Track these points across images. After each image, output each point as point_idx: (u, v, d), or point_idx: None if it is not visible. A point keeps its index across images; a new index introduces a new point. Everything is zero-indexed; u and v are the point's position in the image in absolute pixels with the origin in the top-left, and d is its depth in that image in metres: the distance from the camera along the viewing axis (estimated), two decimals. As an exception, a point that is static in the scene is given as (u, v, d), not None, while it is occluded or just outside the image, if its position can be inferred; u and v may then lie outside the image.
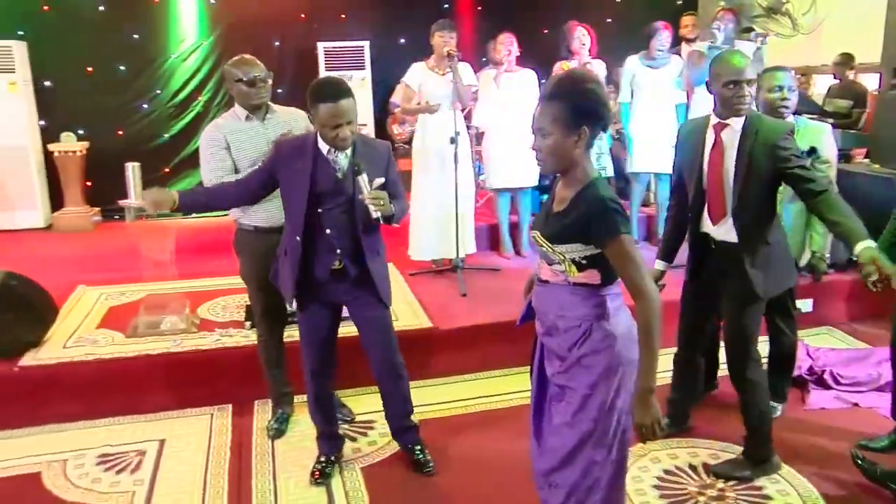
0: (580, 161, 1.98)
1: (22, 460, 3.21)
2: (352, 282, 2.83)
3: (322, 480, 3.02)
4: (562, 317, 2.05)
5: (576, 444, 2.04)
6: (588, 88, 1.94)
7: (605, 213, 1.92)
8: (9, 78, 6.51)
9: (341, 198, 2.74)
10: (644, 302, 1.92)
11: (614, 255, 1.94)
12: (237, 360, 3.78)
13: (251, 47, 7.28)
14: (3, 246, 6.04)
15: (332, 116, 2.60)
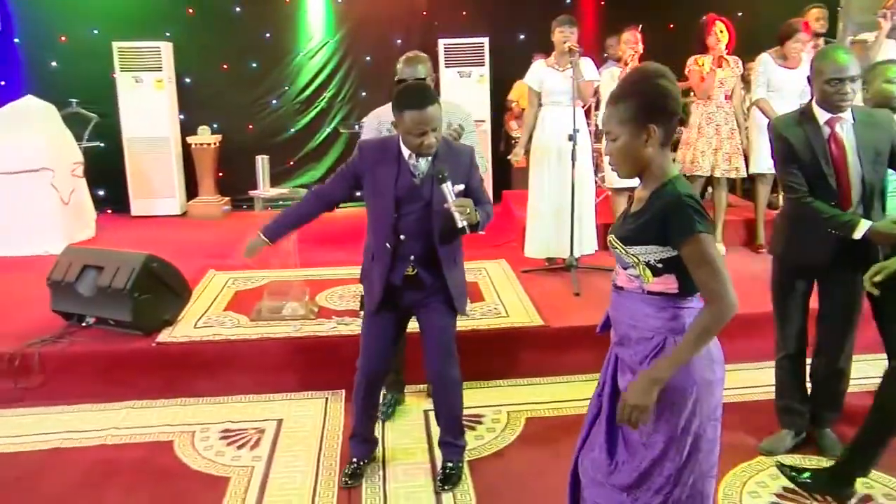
0: (655, 159, 1.86)
1: (157, 428, 3.47)
2: (425, 289, 2.80)
3: (351, 483, 2.97)
4: (634, 327, 1.93)
5: (649, 465, 1.91)
6: (654, 84, 1.84)
7: (680, 210, 1.79)
8: (156, 76, 7.04)
9: (418, 204, 2.70)
10: (715, 307, 1.77)
11: (689, 256, 1.79)
12: (352, 347, 3.87)
13: (374, 45, 7.61)
14: (144, 230, 6.53)
15: (417, 124, 2.57)
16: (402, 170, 2.69)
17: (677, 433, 1.87)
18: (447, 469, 2.99)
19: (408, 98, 2.60)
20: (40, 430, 3.47)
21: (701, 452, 1.90)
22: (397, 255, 2.74)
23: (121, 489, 2.98)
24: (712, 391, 1.88)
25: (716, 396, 1.90)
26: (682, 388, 1.84)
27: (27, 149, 5.71)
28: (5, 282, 4.99)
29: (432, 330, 2.87)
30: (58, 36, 7.29)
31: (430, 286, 2.79)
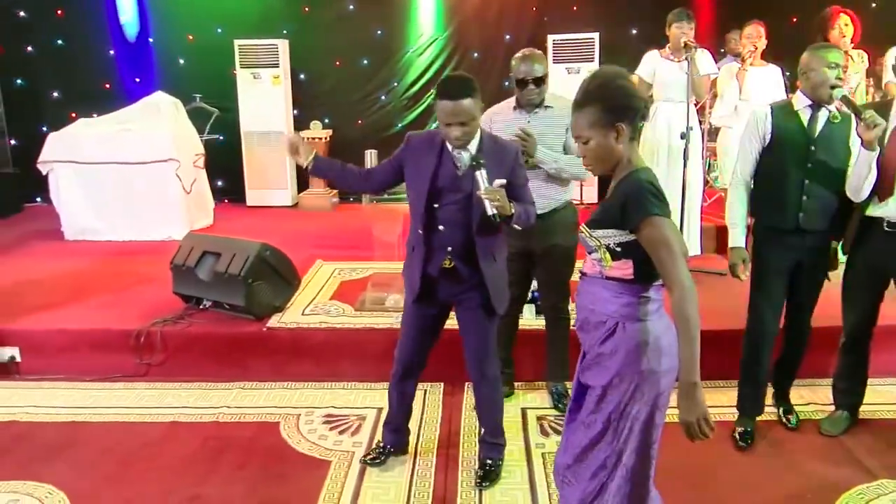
0: (626, 154, 1.97)
1: (265, 409, 3.63)
2: (463, 283, 2.78)
3: (372, 462, 3.06)
4: (592, 311, 2.02)
5: (587, 445, 2.02)
6: (614, 86, 1.95)
7: (638, 194, 1.89)
8: (274, 72, 7.34)
9: (458, 195, 2.70)
10: (677, 291, 1.85)
11: (646, 239, 1.88)
12: (452, 341, 3.92)
13: (483, 41, 7.62)
14: (258, 220, 6.83)
15: (445, 114, 2.59)
16: (445, 161, 2.72)
17: (613, 416, 1.97)
18: (487, 466, 2.99)
19: (444, 88, 2.62)
20: (161, 403, 3.71)
21: (639, 437, 1.97)
22: (435, 246, 2.75)
23: (231, 464, 3.14)
24: (657, 380, 1.95)
25: (660, 385, 1.96)
26: (624, 373, 1.95)
27: (156, 141, 6.10)
28: (134, 264, 5.36)
29: (470, 330, 2.88)
30: (186, 35, 7.74)
31: (468, 281, 2.77)
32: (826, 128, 3.01)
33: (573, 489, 2.06)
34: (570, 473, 2.06)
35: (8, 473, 3.08)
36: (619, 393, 1.95)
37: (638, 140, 2.02)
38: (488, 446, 3.03)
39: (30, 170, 6.46)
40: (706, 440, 1.90)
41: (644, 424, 1.97)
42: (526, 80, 3.19)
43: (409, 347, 2.97)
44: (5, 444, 3.34)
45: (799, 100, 3.05)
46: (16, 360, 4.05)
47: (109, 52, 7.77)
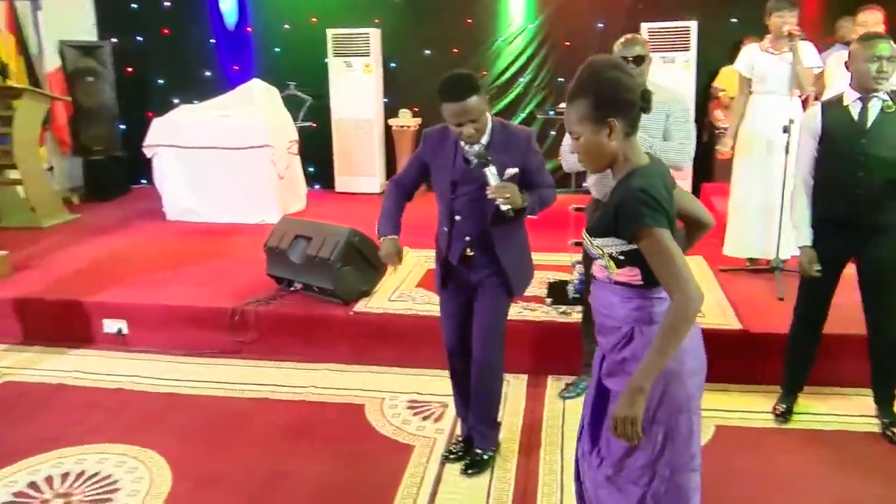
0: (622, 152, 1.84)
1: (351, 392, 3.73)
2: (482, 269, 2.84)
3: (449, 458, 3.06)
4: (607, 316, 1.94)
5: (623, 454, 1.93)
6: (606, 78, 1.81)
7: (629, 204, 1.77)
8: (365, 61, 7.47)
9: (471, 186, 2.73)
10: (678, 300, 1.73)
11: (644, 249, 1.78)
12: (536, 333, 3.93)
13: (574, 30, 7.49)
14: (347, 206, 6.98)
15: (453, 115, 2.60)
16: (458, 154, 2.76)
17: (647, 424, 1.84)
18: (475, 456, 3.01)
19: (445, 90, 2.61)
20: (252, 380, 3.86)
21: (674, 443, 1.88)
22: (454, 236, 2.83)
23: (316, 442, 3.25)
24: (682, 382, 1.86)
25: (687, 387, 1.87)
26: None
27: (252, 127, 6.32)
28: (230, 245, 5.59)
29: (481, 310, 2.90)
30: (282, 24, 7.96)
31: (487, 267, 2.83)
32: (879, 118, 3.00)
33: (615, 498, 1.97)
34: (613, 485, 1.96)
35: (116, 437, 3.29)
36: (647, 398, 1.81)
37: (635, 134, 1.87)
38: (479, 437, 3.04)
39: (137, 153, 6.83)
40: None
41: (677, 428, 1.88)
42: (625, 58, 3.13)
43: (448, 336, 3.04)
44: (114, 410, 3.56)
45: (849, 93, 3.07)
46: (123, 333, 4.30)
47: (210, 41, 8.09)
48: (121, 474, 3.01)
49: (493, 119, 2.79)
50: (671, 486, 1.90)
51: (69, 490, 2.91)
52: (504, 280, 2.85)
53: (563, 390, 3.64)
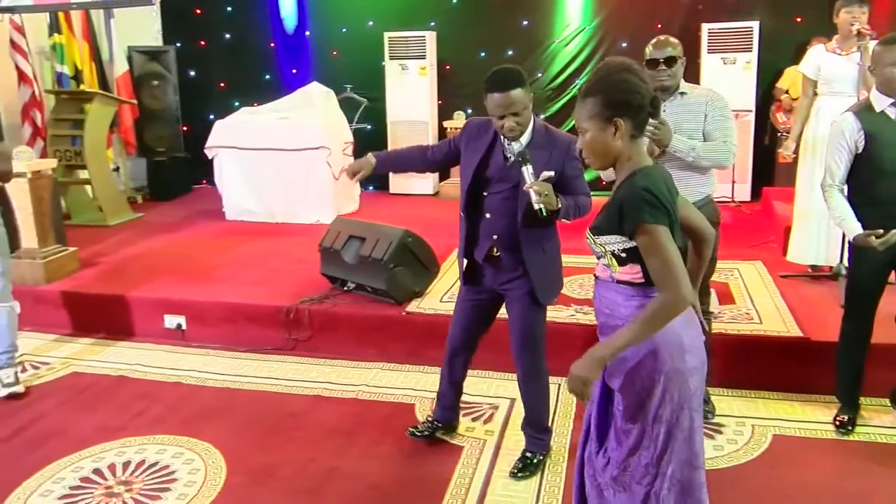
0: (625, 151, 1.90)
1: (402, 391, 3.76)
2: (508, 271, 2.80)
3: (420, 435, 3.16)
4: (609, 315, 1.97)
5: (627, 453, 1.97)
6: (617, 79, 1.87)
7: (633, 201, 1.83)
8: (421, 63, 7.53)
9: (506, 184, 2.72)
10: (665, 296, 1.79)
11: (641, 246, 1.83)
12: (589, 337, 3.85)
13: (632, 31, 7.39)
14: (400, 207, 7.04)
15: (497, 106, 2.61)
16: (496, 150, 2.75)
17: (648, 422, 1.91)
18: (525, 458, 3.01)
19: (493, 80, 2.62)
20: (306, 377, 3.93)
21: (676, 441, 1.91)
22: (481, 233, 2.80)
23: (368, 440, 3.28)
24: (684, 380, 1.89)
25: (689, 385, 1.90)
26: (649, 377, 1.90)
27: (310, 129, 6.44)
28: (285, 245, 5.70)
29: (515, 321, 2.90)
30: (340, 28, 8.09)
31: (513, 270, 2.80)
32: None
33: (621, 498, 2.00)
34: (619, 484, 2.00)
35: (174, 429, 3.40)
36: (649, 397, 1.90)
37: (641, 136, 1.93)
38: (530, 439, 3.05)
39: (198, 154, 7.03)
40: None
41: (678, 426, 1.91)
42: (657, 59, 3.09)
43: (455, 328, 3.05)
44: (173, 403, 3.68)
45: (878, 99, 2.94)
46: (182, 328, 4.43)
47: (270, 45, 8.27)
48: (178, 465, 3.10)
49: (537, 121, 2.78)
50: (674, 484, 1.94)
51: (130, 478, 3.01)
52: (531, 286, 2.80)
53: None
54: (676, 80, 3.16)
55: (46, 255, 4.83)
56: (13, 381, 3.77)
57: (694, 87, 3.22)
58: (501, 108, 2.61)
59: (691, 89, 3.20)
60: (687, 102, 3.16)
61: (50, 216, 4.94)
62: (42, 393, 3.83)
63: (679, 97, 3.17)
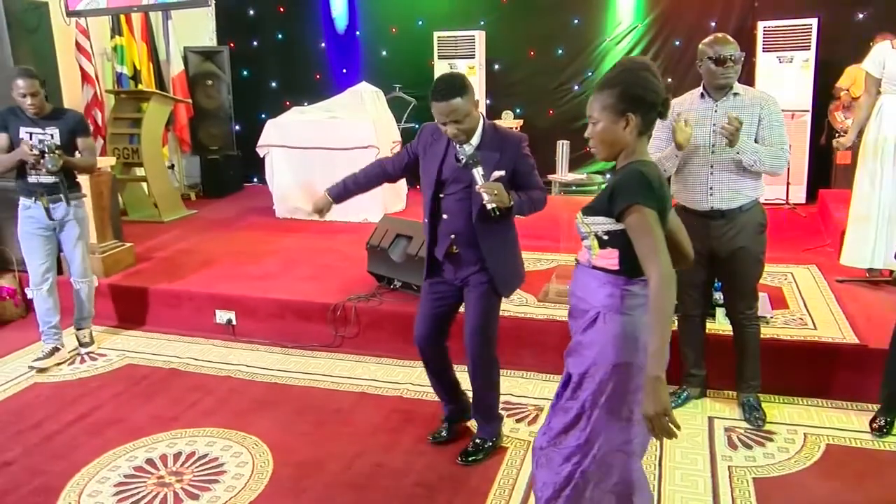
0: (631, 145, 1.96)
1: (445, 390, 3.77)
2: (468, 266, 2.90)
3: (438, 439, 3.23)
4: (581, 299, 2.03)
5: (561, 429, 2.04)
6: (636, 75, 1.92)
7: (629, 180, 1.89)
8: (469, 63, 7.53)
9: (460, 185, 2.82)
10: (654, 276, 1.83)
11: (630, 226, 1.88)
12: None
13: (686, 28, 7.26)
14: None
15: (439, 114, 2.70)
16: (449, 153, 2.84)
17: (587, 405, 1.98)
18: (476, 444, 3.13)
19: (435, 90, 2.70)
20: (352, 374, 3.97)
21: (611, 430, 1.97)
22: (440, 233, 2.91)
23: (413, 438, 3.30)
24: (631, 374, 1.93)
25: (636, 380, 1.93)
26: (598, 363, 1.96)
27: (359, 128, 6.50)
28: (334, 242, 5.77)
29: (470, 310, 2.98)
30: (389, 28, 8.15)
31: (473, 266, 2.90)
32: None
33: (547, 471, 2.08)
34: (545, 455, 2.09)
35: (223, 422, 3.48)
36: (594, 383, 1.97)
37: (649, 136, 2.01)
38: (481, 426, 3.17)
39: (250, 153, 7.17)
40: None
41: (616, 416, 1.97)
42: (725, 57, 3.03)
43: (419, 323, 3.11)
44: (223, 396, 3.76)
45: None
46: (232, 323, 4.53)
47: (321, 45, 8.39)
48: (227, 458, 3.17)
49: (486, 122, 2.86)
50: (601, 464, 2.01)
51: (181, 469, 3.09)
52: (490, 278, 2.90)
53: None
54: (731, 80, 3.11)
55: (105, 249, 4.99)
56: (89, 340, 4.39)
57: (748, 89, 3.17)
58: (443, 116, 2.71)
59: (745, 91, 3.15)
60: (741, 104, 3.11)
61: (108, 212, 5.11)
62: (101, 383, 3.96)
63: (732, 98, 3.12)
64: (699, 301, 3.38)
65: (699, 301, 3.38)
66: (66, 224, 4.12)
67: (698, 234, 3.18)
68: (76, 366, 4.19)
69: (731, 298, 3.33)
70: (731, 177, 3.10)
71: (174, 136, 7.98)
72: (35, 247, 4.10)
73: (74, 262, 4.23)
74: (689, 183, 3.20)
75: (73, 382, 3.98)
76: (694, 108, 3.18)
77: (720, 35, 3.12)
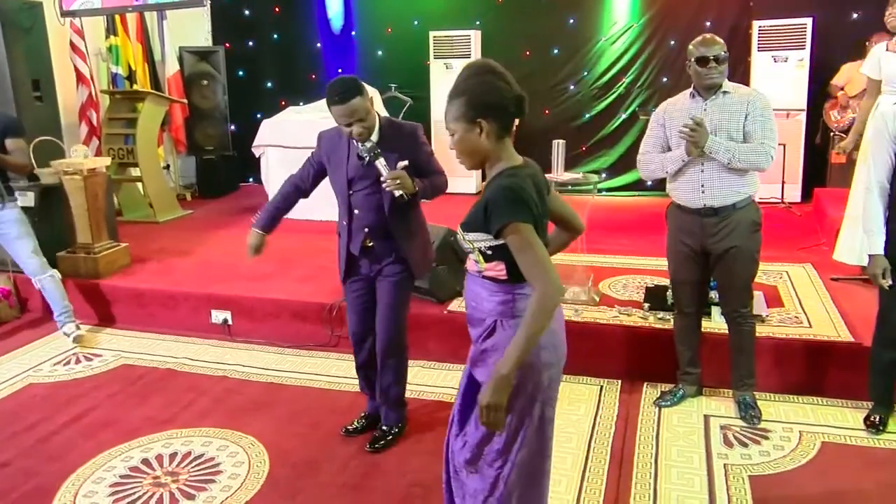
0: (496, 152, 1.96)
1: (444, 389, 3.78)
2: (383, 258, 3.05)
3: (350, 432, 3.31)
4: (475, 308, 2.04)
5: (481, 439, 2.03)
6: (479, 81, 1.91)
7: (496, 200, 1.87)
8: (465, 62, 7.50)
9: (367, 181, 2.94)
10: (539, 290, 1.82)
11: (510, 244, 1.87)
12: (632, 339, 3.84)
13: (681, 28, 7.28)
14: (444, 206, 7.00)
15: (341, 116, 2.79)
16: (352, 154, 2.96)
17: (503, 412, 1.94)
18: (383, 431, 3.26)
19: (331, 94, 2.78)
20: (348, 374, 3.94)
21: (526, 430, 1.99)
22: (354, 228, 3.03)
23: (410, 437, 3.30)
24: (537, 374, 1.95)
25: (542, 379, 1.97)
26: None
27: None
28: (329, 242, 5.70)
29: (382, 299, 3.11)
30: (385, 28, 8.15)
31: (387, 257, 3.05)
32: None
33: (474, 479, 2.10)
34: (471, 466, 2.09)
35: (219, 422, 3.47)
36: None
37: (511, 136, 1.97)
38: (385, 414, 3.28)
39: (246, 153, 7.16)
40: None
41: (531, 418, 1.99)
42: (707, 57, 3.06)
43: (352, 322, 3.24)
44: (218, 396, 3.76)
45: None
46: (228, 323, 4.53)
47: (317, 45, 8.39)
48: (223, 457, 3.16)
49: (382, 117, 2.99)
50: (522, 471, 2.02)
51: (177, 469, 3.09)
52: (405, 266, 3.06)
53: (660, 398, 3.55)
54: (724, 78, 3.12)
55: (100, 250, 4.98)
56: (74, 330, 4.46)
57: (738, 87, 3.18)
58: (345, 118, 2.80)
59: (735, 89, 3.16)
60: (728, 102, 3.12)
61: (104, 212, 5.10)
62: (96, 383, 3.95)
63: (721, 96, 3.13)
64: (694, 299, 3.39)
65: (694, 299, 3.39)
66: (2, 227, 4.24)
67: (692, 232, 3.21)
68: (71, 366, 4.19)
69: (726, 297, 3.34)
70: (721, 174, 3.11)
71: (169, 136, 7.96)
72: None
73: (21, 262, 4.36)
74: (682, 181, 3.21)
75: (68, 383, 3.97)
76: (684, 107, 3.20)
77: (707, 36, 3.13)
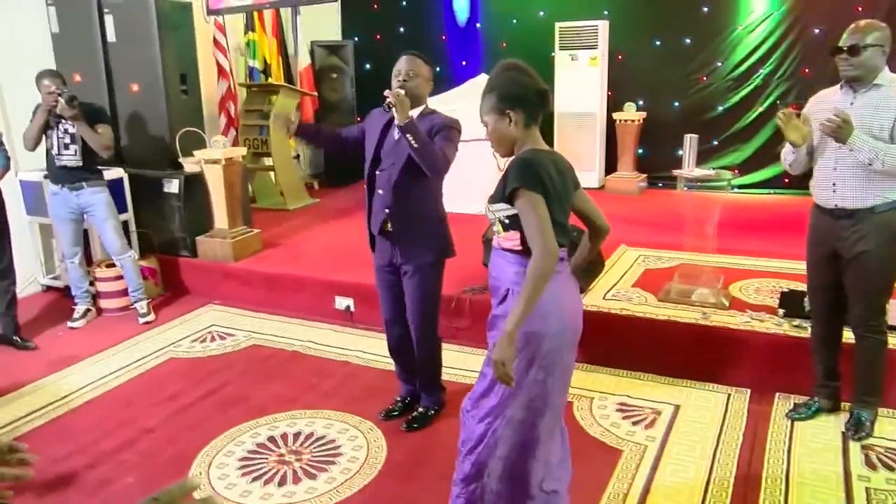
0: (523, 139, 2.20)
1: (559, 387, 3.70)
2: (404, 249, 3.10)
3: (386, 417, 3.40)
4: (496, 278, 2.23)
5: (481, 392, 2.24)
6: (506, 76, 2.19)
7: (514, 168, 2.09)
8: (591, 53, 7.34)
9: (393, 159, 3.00)
10: (535, 253, 2.01)
11: (518, 209, 2.07)
12: (764, 346, 3.62)
13: (828, 15, 6.77)
14: (564, 200, 6.92)
15: (399, 67, 3.04)
16: (390, 129, 3.03)
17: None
18: (420, 413, 3.37)
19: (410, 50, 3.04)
20: (465, 365, 3.98)
21: (522, 392, 2.13)
22: (375, 209, 3.12)
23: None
24: (539, 340, 2.10)
25: (543, 345, 2.11)
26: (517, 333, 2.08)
27: (478, 121, 6.49)
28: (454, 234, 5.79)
29: (412, 291, 3.17)
30: (510, 19, 8.09)
31: (407, 242, 3.10)
32: None
33: (465, 430, 2.29)
34: (469, 417, 2.27)
35: (340, 405, 3.59)
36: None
37: (537, 125, 2.20)
38: (425, 396, 3.40)
39: (371, 144, 7.32)
40: None
41: (527, 380, 2.12)
42: (839, 47, 2.81)
43: (385, 308, 3.34)
44: (340, 380, 3.88)
45: None
46: (351, 310, 4.66)
47: (442, 37, 8.45)
48: (343, 440, 3.26)
49: (429, 107, 3.12)
50: (511, 425, 2.17)
51: (300, 448, 3.22)
52: (427, 257, 3.13)
53: (792, 410, 3.33)
54: (865, 70, 2.83)
55: (235, 235, 5.27)
56: (146, 311, 4.81)
57: (894, 79, 2.86)
58: (401, 70, 3.01)
59: (891, 82, 2.85)
60: (880, 96, 2.83)
61: (240, 200, 5.39)
62: (228, 361, 4.19)
63: (874, 90, 2.85)
64: (826, 305, 3.15)
65: (826, 305, 3.15)
66: (90, 208, 4.59)
67: (825, 233, 2.99)
68: (207, 343, 4.46)
69: (852, 305, 3.07)
70: (855, 174, 2.85)
71: (300, 127, 8.28)
72: (63, 228, 4.65)
73: (106, 241, 4.71)
74: (817, 179, 3.00)
75: (204, 359, 4.23)
76: (831, 99, 2.96)
77: (860, 23, 2.86)
